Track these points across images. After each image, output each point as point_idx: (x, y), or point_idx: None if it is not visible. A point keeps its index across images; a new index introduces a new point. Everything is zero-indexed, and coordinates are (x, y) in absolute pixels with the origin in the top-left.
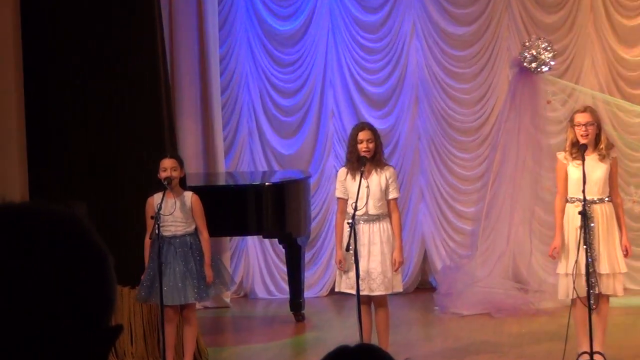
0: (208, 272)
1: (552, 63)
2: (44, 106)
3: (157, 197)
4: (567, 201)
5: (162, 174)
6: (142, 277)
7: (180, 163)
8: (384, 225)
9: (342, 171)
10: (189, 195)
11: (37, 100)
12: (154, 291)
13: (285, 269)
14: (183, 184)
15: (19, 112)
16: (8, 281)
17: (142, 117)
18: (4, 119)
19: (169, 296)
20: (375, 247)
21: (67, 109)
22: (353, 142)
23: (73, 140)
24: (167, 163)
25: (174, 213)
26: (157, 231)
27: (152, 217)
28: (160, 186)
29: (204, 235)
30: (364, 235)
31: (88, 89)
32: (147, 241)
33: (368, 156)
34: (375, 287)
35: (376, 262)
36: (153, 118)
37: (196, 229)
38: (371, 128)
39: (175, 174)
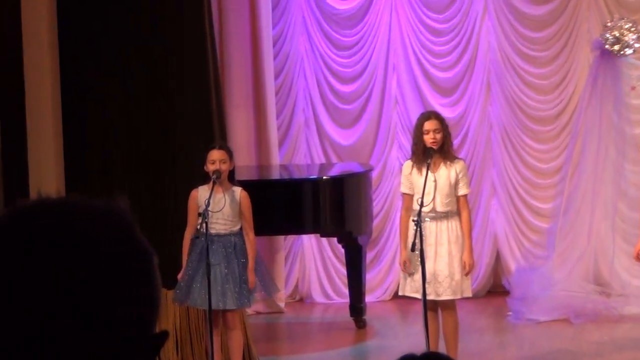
0: (251, 277)
1: (637, 45)
2: (80, 93)
3: (202, 191)
4: None
5: (210, 167)
6: (178, 277)
7: (230, 155)
8: (453, 223)
9: (407, 164)
10: (237, 190)
11: (74, 87)
12: (192, 293)
13: (344, 270)
14: (231, 178)
15: (54, 99)
16: (45, 282)
17: (189, 105)
18: (38, 107)
19: (207, 299)
20: (443, 247)
21: (105, 95)
22: (419, 132)
23: (112, 131)
24: (216, 155)
25: (223, 210)
26: (204, 229)
27: (199, 214)
28: (207, 179)
29: (251, 236)
30: (431, 234)
31: (128, 75)
32: (187, 237)
33: (435, 147)
34: (442, 291)
35: (443, 264)
36: (201, 106)
37: (241, 228)
38: (438, 117)
39: (225, 166)
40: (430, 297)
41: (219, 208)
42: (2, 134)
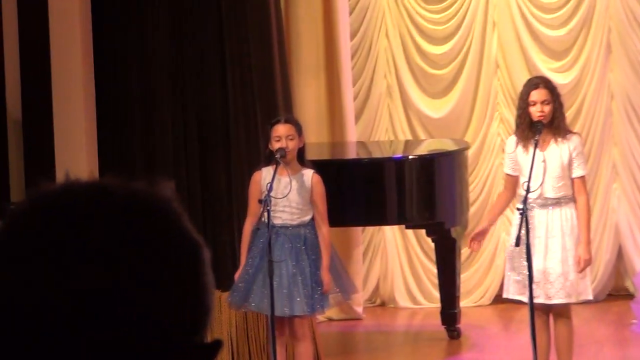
0: (325, 277)
1: None
2: (118, 56)
3: (266, 172)
4: None
5: (275, 144)
6: (236, 275)
7: (298, 130)
8: (567, 211)
9: (511, 140)
10: (309, 174)
11: (111, 51)
12: (251, 295)
13: (434, 269)
14: (301, 158)
15: (85, 61)
16: (75, 285)
17: (247, 71)
18: (66, 71)
19: (269, 303)
20: (555, 240)
21: (148, 59)
22: (524, 103)
23: (155, 102)
24: (282, 130)
25: (289, 196)
26: (266, 219)
27: (259, 201)
28: (271, 160)
29: (324, 229)
30: (540, 225)
31: (177, 37)
32: (247, 229)
33: (544, 121)
34: (553, 293)
35: (555, 261)
36: (261, 73)
37: (312, 219)
38: (548, 85)
39: (292, 144)
40: (539, 300)
41: (283, 194)
42: (22, 103)
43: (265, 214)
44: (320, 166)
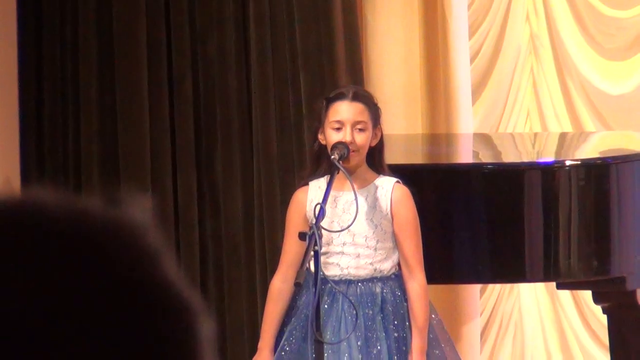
0: (418, 349)
1: None
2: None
3: (315, 188)
4: None
5: (332, 136)
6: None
7: (374, 115)
8: None
9: None
10: (387, 185)
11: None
12: None
13: (607, 359)
14: (376, 162)
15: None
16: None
17: (288, 19)
18: None
19: None
20: None
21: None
22: None
23: (125, 80)
24: (346, 111)
25: (356, 224)
26: (310, 265)
27: (301, 236)
28: (323, 165)
29: (417, 282)
30: None
31: None
32: (276, 287)
33: None
34: None
35: None
36: (311, 20)
37: (395, 268)
38: None
39: (362, 138)
40: None
41: (346, 221)
42: None
43: (312, 255)
44: (409, 176)
